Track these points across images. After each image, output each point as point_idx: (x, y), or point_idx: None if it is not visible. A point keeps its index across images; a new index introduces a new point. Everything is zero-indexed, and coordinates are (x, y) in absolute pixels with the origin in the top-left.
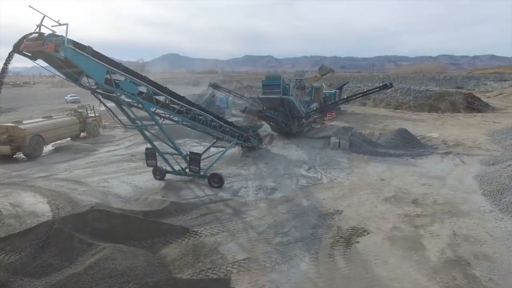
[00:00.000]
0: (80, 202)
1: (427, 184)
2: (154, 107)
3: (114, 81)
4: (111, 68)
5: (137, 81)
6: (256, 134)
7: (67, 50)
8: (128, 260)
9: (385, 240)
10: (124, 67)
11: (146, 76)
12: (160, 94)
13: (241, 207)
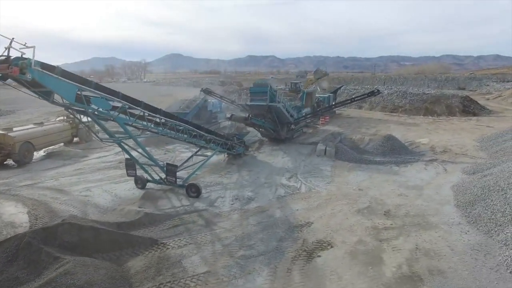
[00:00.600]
0: (60, 212)
1: (403, 195)
2: (129, 121)
3: (86, 98)
4: (81, 86)
5: (109, 97)
6: (241, 142)
7: (34, 72)
8: (89, 274)
9: (347, 254)
10: (96, 85)
11: (120, 92)
12: (134, 108)
13: (213, 218)
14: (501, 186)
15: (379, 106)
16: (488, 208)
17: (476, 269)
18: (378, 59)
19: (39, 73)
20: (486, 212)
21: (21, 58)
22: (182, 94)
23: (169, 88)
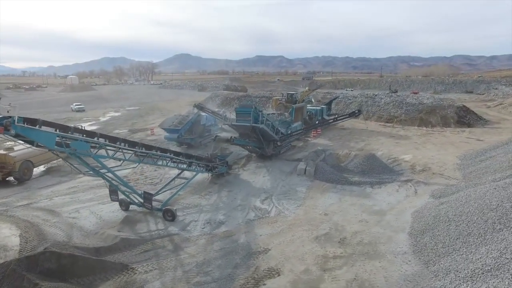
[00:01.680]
0: (48, 235)
1: (364, 221)
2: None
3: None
4: (60, 133)
5: (88, 139)
6: (224, 162)
7: (17, 128)
8: None
9: (289, 283)
10: (74, 129)
11: (97, 132)
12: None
13: (182, 242)
14: (449, 217)
15: (375, 116)
16: (433, 238)
17: None
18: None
19: (21, 128)
20: (431, 242)
21: (6, 117)
22: (184, 99)
23: (174, 91)
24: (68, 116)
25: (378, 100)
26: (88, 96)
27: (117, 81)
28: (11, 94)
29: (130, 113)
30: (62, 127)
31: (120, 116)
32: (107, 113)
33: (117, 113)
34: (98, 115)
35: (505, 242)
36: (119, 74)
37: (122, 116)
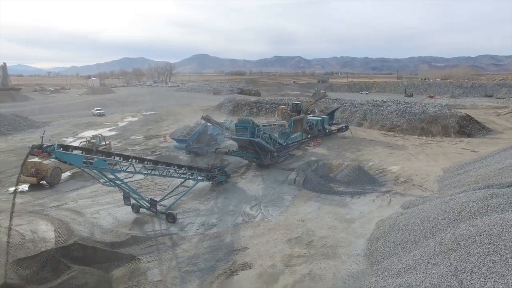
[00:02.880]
0: (75, 231)
1: (333, 227)
2: (120, 171)
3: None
4: (85, 155)
5: (105, 158)
6: (222, 172)
7: (56, 153)
8: (86, 279)
9: (256, 274)
10: (96, 152)
11: (114, 152)
12: (126, 162)
13: (179, 240)
14: (400, 226)
15: (378, 125)
16: (384, 244)
17: None
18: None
19: (59, 153)
20: (381, 246)
21: (49, 145)
22: (199, 103)
23: (190, 95)
24: (90, 121)
25: (383, 108)
26: (108, 99)
27: (136, 82)
28: (38, 96)
29: (146, 118)
30: (87, 150)
31: (137, 121)
32: (125, 118)
33: (134, 118)
34: (117, 120)
35: (427, 248)
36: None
37: (139, 122)
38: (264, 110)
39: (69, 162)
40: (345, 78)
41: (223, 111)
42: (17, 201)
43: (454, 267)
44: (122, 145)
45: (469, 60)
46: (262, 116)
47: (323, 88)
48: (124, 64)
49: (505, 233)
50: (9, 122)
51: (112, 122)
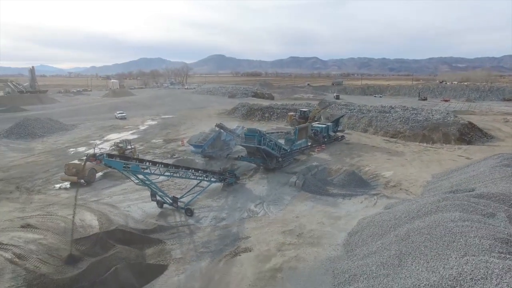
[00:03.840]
0: (114, 221)
1: (321, 223)
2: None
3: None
4: (124, 161)
5: (139, 165)
6: (233, 174)
7: (105, 160)
8: (127, 254)
9: (254, 256)
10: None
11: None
12: (154, 166)
13: (195, 230)
14: (375, 223)
15: (382, 131)
16: (360, 236)
17: (317, 270)
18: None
19: (107, 160)
20: (357, 239)
21: (100, 154)
22: (214, 107)
23: (206, 98)
24: (113, 124)
25: (388, 115)
26: (128, 102)
27: (154, 84)
28: (63, 98)
29: (165, 122)
30: (125, 158)
31: (156, 124)
32: (145, 121)
33: (154, 122)
34: (138, 123)
35: (387, 238)
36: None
37: (158, 125)
38: (276, 115)
39: (113, 167)
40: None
41: (236, 115)
42: (63, 196)
43: (400, 251)
44: (144, 148)
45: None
46: (273, 121)
47: (336, 91)
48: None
49: (439, 226)
50: (43, 125)
51: (134, 125)
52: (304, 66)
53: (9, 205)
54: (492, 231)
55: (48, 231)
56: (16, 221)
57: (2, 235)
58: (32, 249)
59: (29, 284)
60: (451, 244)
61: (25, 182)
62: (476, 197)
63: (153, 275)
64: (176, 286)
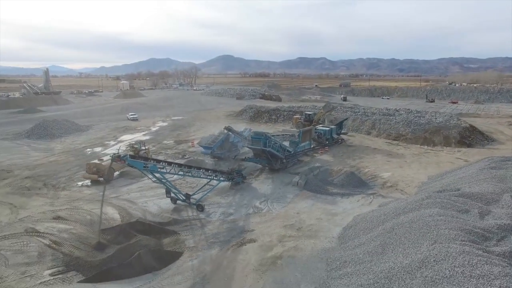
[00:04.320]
0: (133, 214)
1: (319, 218)
2: (166, 172)
3: (147, 166)
4: (143, 162)
5: (156, 165)
6: (240, 174)
7: (128, 161)
8: (147, 242)
9: (258, 246)
10: (151, 160)
11: (162, 160)
12: (169, 166)
13: (206, 223)
14: (366, 219)
15: (385, 134)
16: (353, 230)
17: (313, 258)
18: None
19: (130, 161)
20: (351, 232)
21: (124, 155)
22: (222, 108)
23: (214, 99)
24: (126, 125)
25: (392, 118)
26: (139, 104)
27: (163, 85)
28: (76, 99)
29: (175, 123)
30: (145, 158)
31: (167, 126)
32: (156, 122)
33: (164, 123)
34: (149, 125)
35: (376, 232)
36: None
37: (169, 127)
38: (282, 117)
39: (135, 167)
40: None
41: (244, 117)
42: (86, 193)
43: (384, 241)
44: (157, 149)
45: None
46: (280, 123)
47: (344, 92)
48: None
49: (419, 220)
50: (61, 126)
51: (145, 126)
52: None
53: (40, 199)
54: (460, 224)
55: (77, 222)
56: (48, 213)
57: (38, 225)
58: (65, 237)
59: (67, 264)
60: (426, 235)
61: (50, 179)
62: (458, 196)
63: (171, 260)
64: (190, 269)
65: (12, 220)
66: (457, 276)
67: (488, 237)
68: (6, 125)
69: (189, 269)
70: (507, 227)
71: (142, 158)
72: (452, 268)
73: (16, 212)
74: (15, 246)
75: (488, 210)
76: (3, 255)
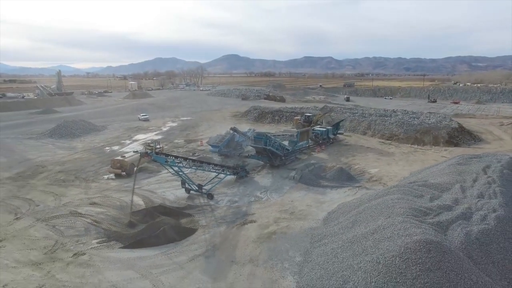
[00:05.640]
0: (154, 201)
1: (309, 205)
2: (182, 166)
3: (167, 161)
4: (165, 158)
5: (174, 160)
6: (244, 169)
7: (154, 156)
8: (168, 221)
9: (256, 225)
10: (170, 157)
11: (179, 156)
12: (185, 161)
13: (215, 208)
14: (346, 205)
15: (379, 134)
16: (335, 214)
17: (300, 234)
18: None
19: (155, 157)
20: (334, 215)
21: (151, 152)
22: (228, 109)
23: (220, 100)
24: (138, 125)
25: (387, 119)
26: (148, 104)
27: (170, 85)
28: (87, 100)
29: (184, 124)
30: (166, 154)
31: (176, 126)
32: (166, 123)
33: (174, 123)
34: (160, 125)
35: (351, 213)
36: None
37: (178, 127)
38: (285, 118)
39: (158, 161)
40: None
41: (249, 118)
42: (113, 184)
43: (355, 219)
44: (169, 147)
45: None
46: (282, 124)
47: (347, 92)
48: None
49: (382, 203)
50: (79, 126)
51: (156, 126)
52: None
53: (75, 189)
54: (411, 205)
55: (109, 207)
56: (84, 200)
57: (79, 208)
58: (102, 217)
59: (108, 236)
60: (384, 212)
61: (80, 173)
62: (421, 185)
63: (188, 234)
64: (203, 241)
65: (57, 205)
66: (393, 236)
67: (428, 213)
68: (28, 125)
69: (203, 241)
70: (445, 206)
71: (163, 154)
72: (392, 232)
73: (59, 199)
74: (65, 223)
75: (439, 195)
76: (59, 229)
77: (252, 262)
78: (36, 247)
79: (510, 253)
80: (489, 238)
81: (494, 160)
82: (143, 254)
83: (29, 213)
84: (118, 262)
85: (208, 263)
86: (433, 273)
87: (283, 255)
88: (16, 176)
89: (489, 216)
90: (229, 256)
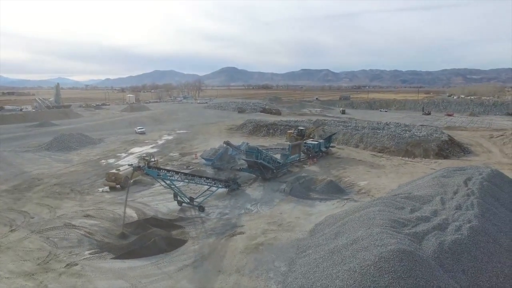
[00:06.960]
0: (147, 213)
1: (297, 217)
2: (174, 179)
3: (160, 174)
4: (158, 172)
5: (166, 174)
6: (235, 182)
7: (146, 170)
8: (159, 233)
9: (244, 236)
10: (162, 170)
11: (172, 170)
12: (177, 175)
13: (206, 220)
14: (334, 217)
15: (371, 146)
16: (322, 226)
17: (287, 245)
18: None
19: (147, 170)
20: (320, 227)
21: (143, 166)
22: (224, 122)
23: (217, 113)
24: (134, 139)
25: (379, 132)
26: (146, 117)
27: (168, 97)
28: (85, 112)
29: (180, 137)
30: (159, 168)
31: (172, 139)
32: (162, 136)
33: (170, 137)
34: (156, 138)
35: (336, 225)
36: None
37: (174, 140)
38: (279, 131)
39: (150, 175)
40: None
41: (244, 131)
42: (107, 197)
43: (338, 231)
44: (164, 160)
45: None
46: (277, 137)
47: (343, 105)
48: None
49: (365, 215)
50: (76, 139)
51: (152, 139)
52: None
53: (70, 202)
54: (391, 216)
55: (103, 219)
56: (79, 212)
57: (73, 220)
58: (96, 229)
59: (101, 247)
60: (365, 223)
61: (75, 186)
62: (404, 197)
63: (178, 245)
64: (192, 251)
65: (52, 217)
66: (370, 246)
67: (406, 224)
68: (26, 138)
69: (192, 251)
70: (423, 218)
71: (156, 168)
72: (369, 242)
73: (54, 211)
74: (59, 235)
75: (420, 207)
76: (52, 241)
77: (239, 272)
78: (30, 258)
79: (480, 261)
80: (461, 248)
81: (476, 173)
82: (134, 265)
83: (24, 225)
84: (109, 272)
85: (196, 273)
86: (404, 281)
87: (269, 265)
88: (13, 188)
89: (464, 226)
90: (217, 266)
